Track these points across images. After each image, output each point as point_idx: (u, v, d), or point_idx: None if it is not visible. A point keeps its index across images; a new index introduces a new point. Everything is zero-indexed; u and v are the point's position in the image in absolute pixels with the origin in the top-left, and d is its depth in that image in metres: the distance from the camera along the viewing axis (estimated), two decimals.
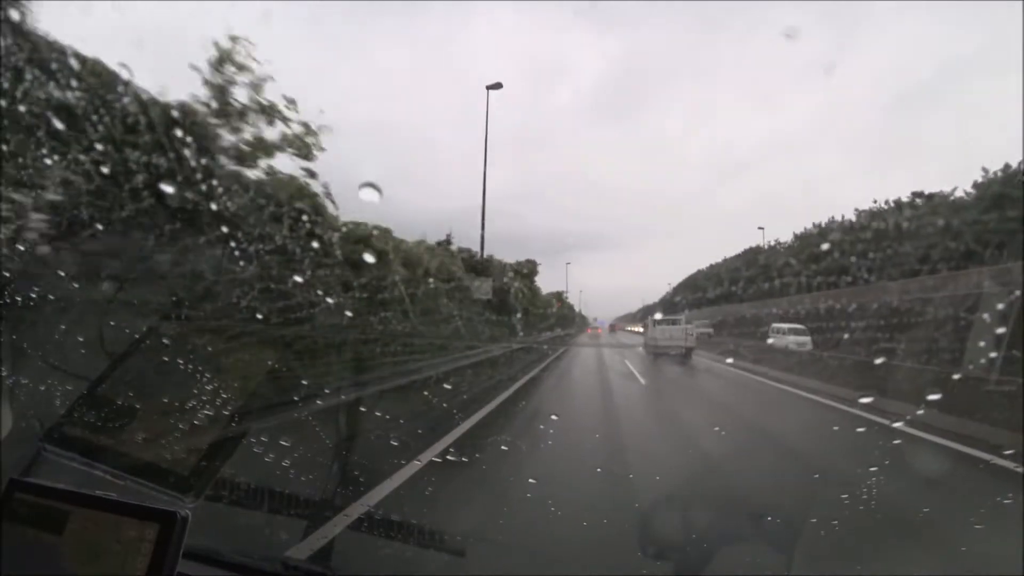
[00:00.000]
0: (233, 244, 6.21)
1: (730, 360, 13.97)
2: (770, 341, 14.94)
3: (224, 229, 6.17)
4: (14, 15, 4.86)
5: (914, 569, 2.70)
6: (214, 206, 6.13)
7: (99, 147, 5.23)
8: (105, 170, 5.39)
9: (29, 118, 5.04)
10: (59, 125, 5.06)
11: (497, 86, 14.93)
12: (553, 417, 6.84)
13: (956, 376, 6.50)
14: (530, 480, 3.92)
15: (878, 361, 9.52)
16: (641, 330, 18.95)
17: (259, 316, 5.87)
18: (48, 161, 4.86)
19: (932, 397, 5.97)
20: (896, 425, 6.08)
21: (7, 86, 4.94)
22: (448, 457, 4.61)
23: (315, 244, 7.64)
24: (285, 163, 7.71)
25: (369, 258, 8.91)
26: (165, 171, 5.61)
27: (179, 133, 6.24)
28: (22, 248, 3.39)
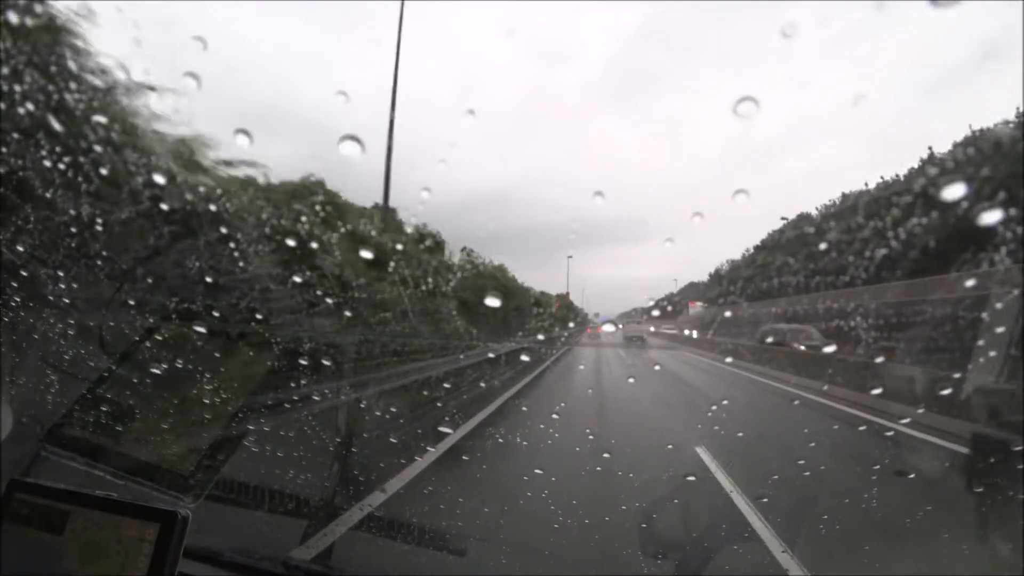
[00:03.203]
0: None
1: (729, 360, 14.64)
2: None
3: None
4: (12, 16, 4.84)
5: (915, 569, 2.71)
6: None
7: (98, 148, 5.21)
8: (104, 171, 5.38)
9: (29, 120, 5.03)
10: (58, 126, 5.06)
11: None
12: (554, 416, 6.84)
13: (956, 375, 6.50)
14: (527, 477, 3.92)
15: (878, 360, 9.52)
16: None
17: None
18: (47, 163, 4.85)
19: (941, 393, 5.98)
20: (903, 421, 6.09)
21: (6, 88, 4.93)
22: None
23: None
24: None
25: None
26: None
27: None
28: (22, 248, 3.39)
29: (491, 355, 9.80)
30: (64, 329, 2.32)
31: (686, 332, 23.89)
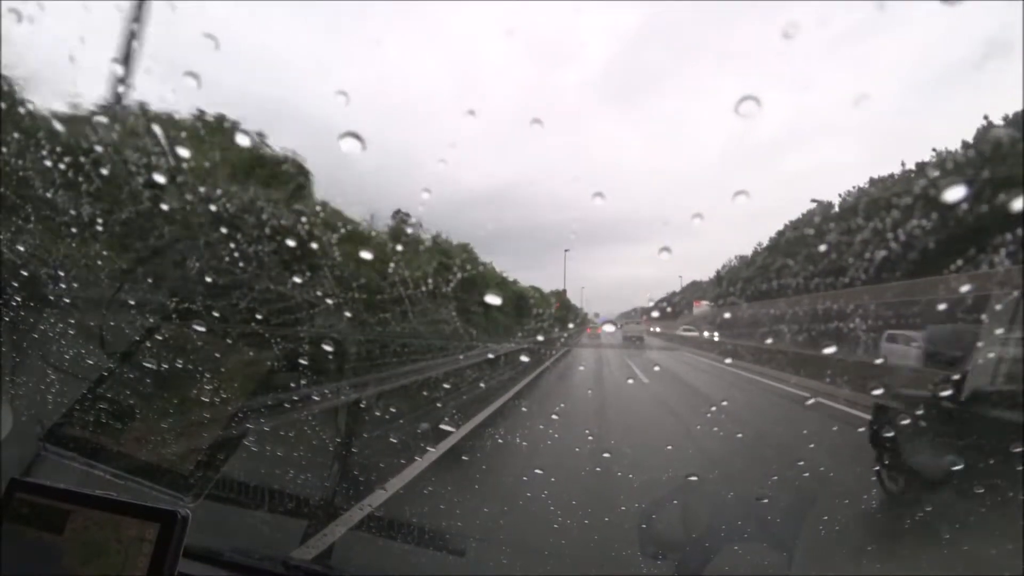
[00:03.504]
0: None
1: (729, 360, 14.73)
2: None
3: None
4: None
5: (915, 569, 2.70)
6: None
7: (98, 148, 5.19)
8: (104, 171, 5.38)
9: (28, 121, 5.04)
10: (59, 127, 5.06)
11: None
12: (553, 417, 6.83)
13: (956, 376, 6.49)
14: (527, 477, 3.92)
15: (878, 361, 9.53)
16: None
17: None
18: (48, 163, 4.85)
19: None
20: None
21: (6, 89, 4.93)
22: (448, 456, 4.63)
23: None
24: None
25: None
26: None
27: None
28: (22, 248, 3.40)
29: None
30: (64, 329, 2.32)
31: (706, 334, 20.76)
